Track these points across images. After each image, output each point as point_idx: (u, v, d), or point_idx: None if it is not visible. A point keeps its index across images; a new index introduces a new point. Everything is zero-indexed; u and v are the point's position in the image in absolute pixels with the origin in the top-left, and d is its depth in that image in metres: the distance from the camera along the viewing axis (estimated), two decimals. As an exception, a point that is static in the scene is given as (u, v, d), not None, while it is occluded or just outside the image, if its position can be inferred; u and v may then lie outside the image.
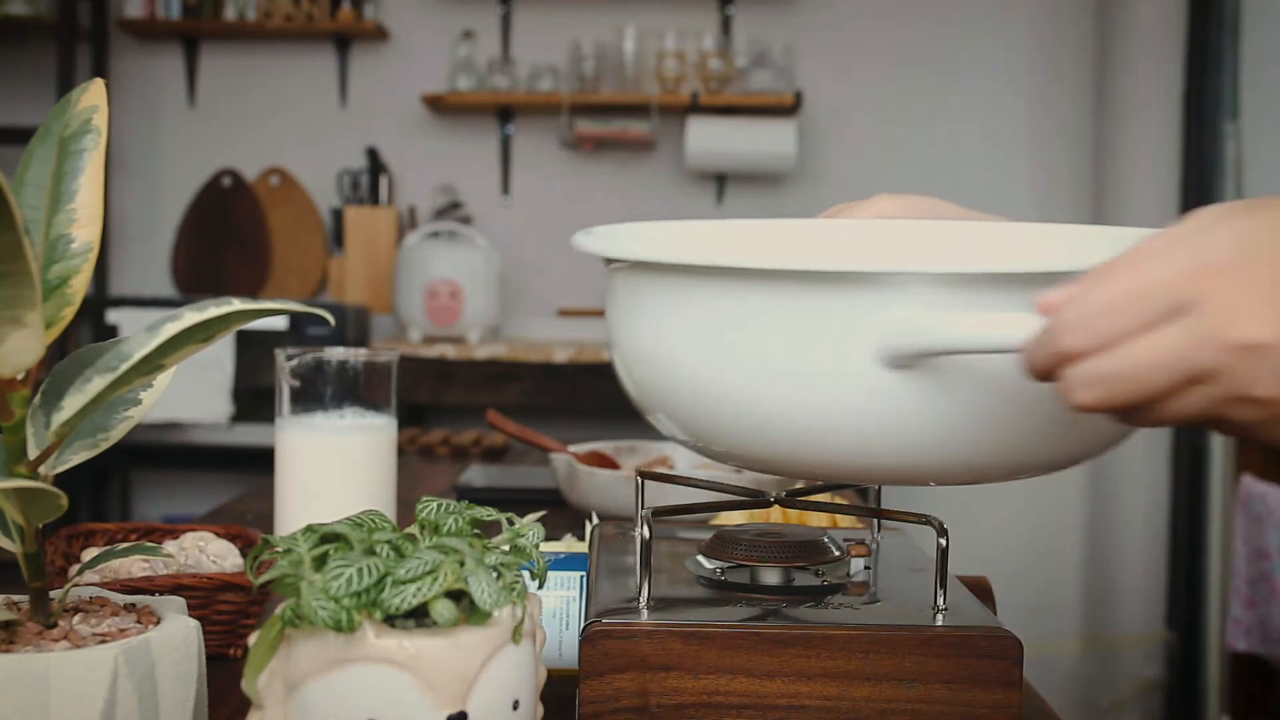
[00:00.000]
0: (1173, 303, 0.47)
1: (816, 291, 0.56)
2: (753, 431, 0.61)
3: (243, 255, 3.86)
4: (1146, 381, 0.48)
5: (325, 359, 1.11)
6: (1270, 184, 3.32)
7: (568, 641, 0.78)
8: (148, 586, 0.78)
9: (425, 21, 3.82)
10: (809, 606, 0.71)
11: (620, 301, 0.68)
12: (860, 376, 0.57)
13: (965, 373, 0.57)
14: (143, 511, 3.82)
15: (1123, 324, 0.48)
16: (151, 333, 0.54)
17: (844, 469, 0.63)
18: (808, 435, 0.59)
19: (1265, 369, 0.47)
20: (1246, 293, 0.46)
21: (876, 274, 0.54)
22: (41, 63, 3.69)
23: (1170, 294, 0.47)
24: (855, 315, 0.55)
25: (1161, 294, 0.47)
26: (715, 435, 0.63)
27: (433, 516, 0.59)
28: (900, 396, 0.57)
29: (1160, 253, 0.48)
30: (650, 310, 0.64)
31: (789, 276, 0.56)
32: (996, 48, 3.76)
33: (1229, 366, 0.47)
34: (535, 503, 1.39)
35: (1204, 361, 0.47)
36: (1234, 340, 0.46)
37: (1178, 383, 0.48)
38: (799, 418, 0.59)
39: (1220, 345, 0.47)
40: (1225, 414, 0.49)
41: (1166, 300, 0.47)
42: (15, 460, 0.56)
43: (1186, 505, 3.35)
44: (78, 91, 0.61)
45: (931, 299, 0.55)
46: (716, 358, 0.60)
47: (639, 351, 0.65)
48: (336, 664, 0.52)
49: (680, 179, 3.83)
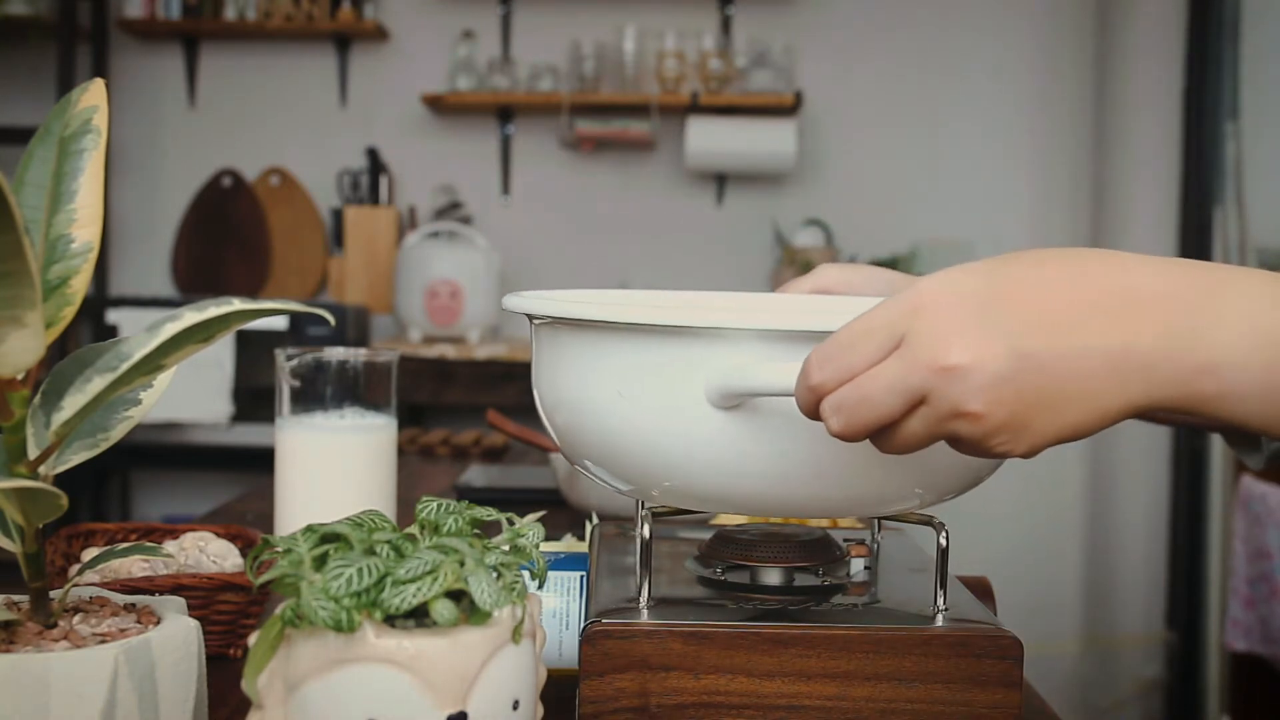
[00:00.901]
0: (892, 337, 0.55)
1: (663, 342, 0.65)
2: (630, 464, 0.69)
3: (243, 255, 3.86)
4: (878, 406, 0.55)
5: (325, 359, 1.11)
6: (1270, 184, 3.32)
7: (568, 641, 0.78)
8: (148, 586, 0.78)
9: (425, 21, 3.82)
10: (809, 607, 0.71)
11: (542, 353, 0.74)
12: (695, 414, 0.65)
13: (782, 415, 0.64)
14: (143, 511, 3.82)
15: (856, 359, 0.56)
16: (151, 333, 0.54)
17: (692, 497, 0.69)
18: (664, 466, 0.67)
19: (970, 386, 0.54)
20: (948, 324, 0.54)
21: (703, 329, 0.64)
22: (41, 63, 3.70)
23: (890, 329, 0.55)
24: (688, 362, 0.65)
25: (884, 330, 0.55)
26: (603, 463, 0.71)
27: (433, 516, 0.59)
28: (729, 433, 0.65)
29: (887, 300, 0.56)
30: (560, 359, 0.71)
31: (642, 330, 0.66)
32: (996, 48, 3.76)
33: (939, 387, 0.54)
34: (535, 503, 1.39)
35: (918, 384, 0.54)
36: (938, 364, 0.54)
37: (904, 405, 0.55)
38: (657, 451, 0.67)
39: (928, 368, 0.54)
40: (952, 430, 0.56)
41: (887, 335, 0.55)
42: (15, 460, 0.56)
43: (1186, 505, 3.35)
44: (78, 91, 0.61)
45: (746, 351, 0.63)
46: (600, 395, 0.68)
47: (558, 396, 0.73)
48: (336, 664, 0.52)
49: (680, 179, 3.83)
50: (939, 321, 0.54)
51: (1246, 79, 3.37)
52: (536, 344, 0.75)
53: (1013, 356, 0.53)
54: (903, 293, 0.56)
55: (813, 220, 3.75)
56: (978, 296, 0.54)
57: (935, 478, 0.68)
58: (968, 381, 0.54)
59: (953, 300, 0.54)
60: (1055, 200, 3.77)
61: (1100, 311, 0.54)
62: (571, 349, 0.70)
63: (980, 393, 0.54)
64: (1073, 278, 0.55)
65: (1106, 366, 0.54)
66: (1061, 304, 0.54)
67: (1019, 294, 0.54)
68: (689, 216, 3.84)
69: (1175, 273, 0.55)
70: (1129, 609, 3.42)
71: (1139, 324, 0.54)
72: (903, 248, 3.71)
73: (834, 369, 0.56)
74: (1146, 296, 0.54)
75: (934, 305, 0.54)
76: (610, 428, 0.68)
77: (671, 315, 0.64)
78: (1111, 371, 0.54)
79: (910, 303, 0.55)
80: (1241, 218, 3.30)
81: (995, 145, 3.77)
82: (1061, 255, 0.56)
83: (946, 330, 0.54)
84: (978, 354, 0.53)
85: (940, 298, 0.55)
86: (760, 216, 3.82)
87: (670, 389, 0.65)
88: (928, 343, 0.54)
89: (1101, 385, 0.54)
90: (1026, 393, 0.54)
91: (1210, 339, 0.54)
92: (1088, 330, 0.54)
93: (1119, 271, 0.55)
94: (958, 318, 0.54)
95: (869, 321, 0.56)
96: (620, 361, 0.67)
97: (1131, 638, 3.41)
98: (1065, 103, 3.74)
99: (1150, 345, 0.54)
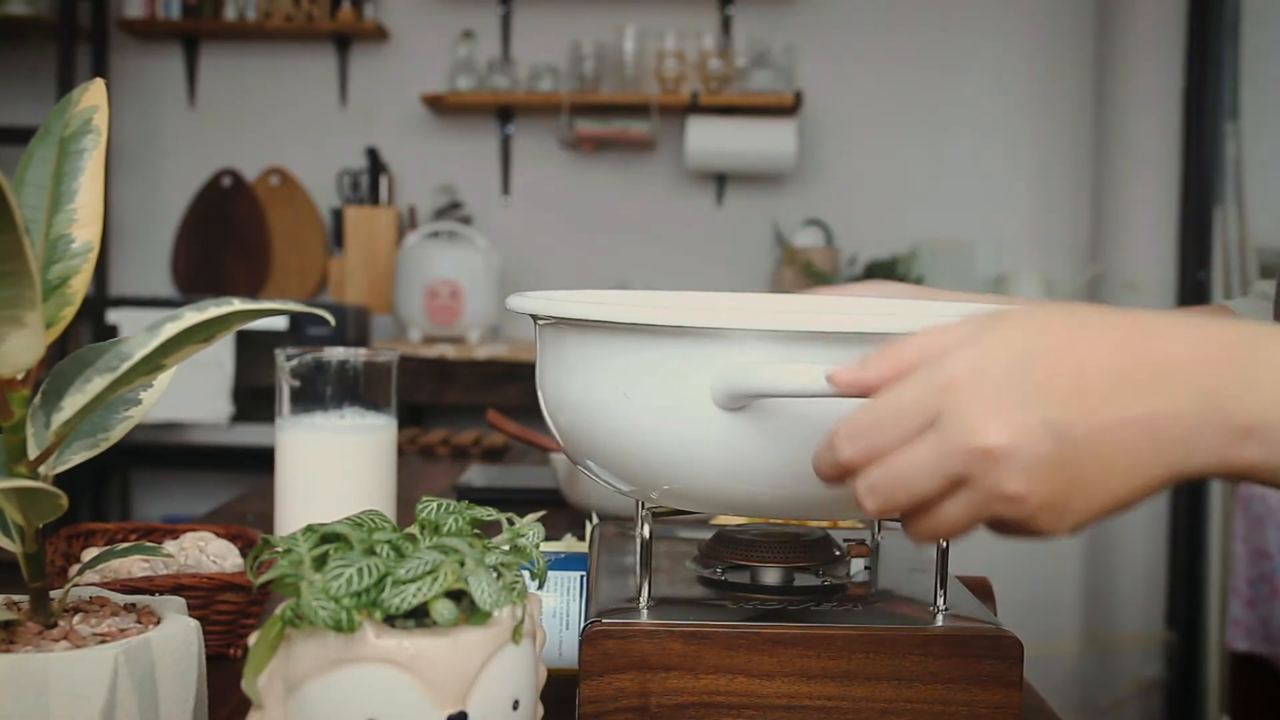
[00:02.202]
0: (924, 417, 0.54)
1: (668, 343, 0.65)
2: (634, 464, 0.68)
3: (243, 255, 3.86)
4: (914, 487, 0.54)
5: (325, 359, 1.11)
6: (1270, 184, 3.32)
7: (568, 641, 0.78)
8: (148, 586, 0.78)
9: (425, 21, 3.82)
10: (809, 607, 0.71)
11: (546, 353, 0.74)
12: (700, 416, 0.65)
13: (788, 417, 0.63)
14: (143, 511, 3.82)
15: (886, 437, 0.54)
16: (151, 333, 0.54)
17: (695, 498, 0.69)
18: (668, 467, 0.67)
19: (1010, 469, 0.53)
20: (982, 403, 0.53)
21: (709, 329, 0.64)
22: (41, 63, 3.69)
23: (922, 408, 0.54)
24: (693, 362, 0.64)
25: (914, 408, 0.54)
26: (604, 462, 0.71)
27: (433, 516, 0.59)
28: (734, 435, 0.64)
29: (917, 373, 0.55)
30: (564, 360, 0.71)
31: (647, 330, 0.65)
32: (996, 48, 3.76)
33: (979, 470, 0.53)
34: (535, 503, 1.39)
35: (955, 467, 0.53)
36: (975, 446, 0.52)
37: (941, 487, 0.54)
38: (662, 451, 0.67)
39: (965, 451, 0.53)
40: (996, 512, 0.54)
41: (919, 413, 0.54)
42: (15, 460, 0.56)
43: (1186, 505, 3.35)
44: (78, 91, 0.61)
45: (753, 351, 0.63)
46: (605, 396, 0.68)
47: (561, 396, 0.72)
48: (336, 664, 0.52)
49: (680, 179, 3.83)
50: (973, 400, 0.53)
51: (1246, 79, 3.37)
52: (540, 344, 0.74)
53: (1050, 434, 0.52)
54: (933, 366, 0.54)
55: (813, 220, 3.75)
56: (1010, 371, 0.53)
57: None
58: (1008, 464, 0.52)
59: (985, 377, 0.53)
60: (1055, 200, 3.77)
61: (1133, 382, 0.53)
62: (576, 349, 0.70)
63: (1021, 474, 0.53)
64: (1105, 346, 0.54)
65: (1144, 438, 0.53)
66: (1094, 375, 0.53)
67: (1052, 366, 0.53)
68: (689, 216, 3.84)
69: (1205, 335, 0.55)
70: (1129, 609, 3.42)
71: (1173, 392, 0.53)
72: (903, 248, 3.71)
73: (864, 445, 0.55)
74: (1178, 363, 0.54)
75: (966, 383, 0.53)
76: (614, 428, 0.68)
77: (677, 316, 0.64)
78: (1150, 442, 0.53)
79: (942, 379, 0.53)
80: (1241, 218, 3.30)
81: (995, 145, 3.77)
82: (1091, 320, 0.55)
83: (981, 409, 0.53)
84: (1015, 434, 0.52)
85: (972, 374, 0.53)
86: (760, 216, 3.82)
87: (675, 390, 0.65)
88: (963, 424, 0.53)
89: (1141, 457, 0.54)
90: (1068, 469, 0.53)
91: (1246, 403, 0.53)
92: (1122, 402, 0.53)
93: (1150, 337, 0.54)
94: (992, 396, 0.53)
95: (899, 398, 0.54)
96: (625, 362, 0.66)
97: (1131, 638, 3.41)
98: (1065, 103, 3.74)
99: (1185, 414, 0.53)
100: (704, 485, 0.67)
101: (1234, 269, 3.31)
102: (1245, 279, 3.28)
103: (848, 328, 0.63)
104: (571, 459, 0.75)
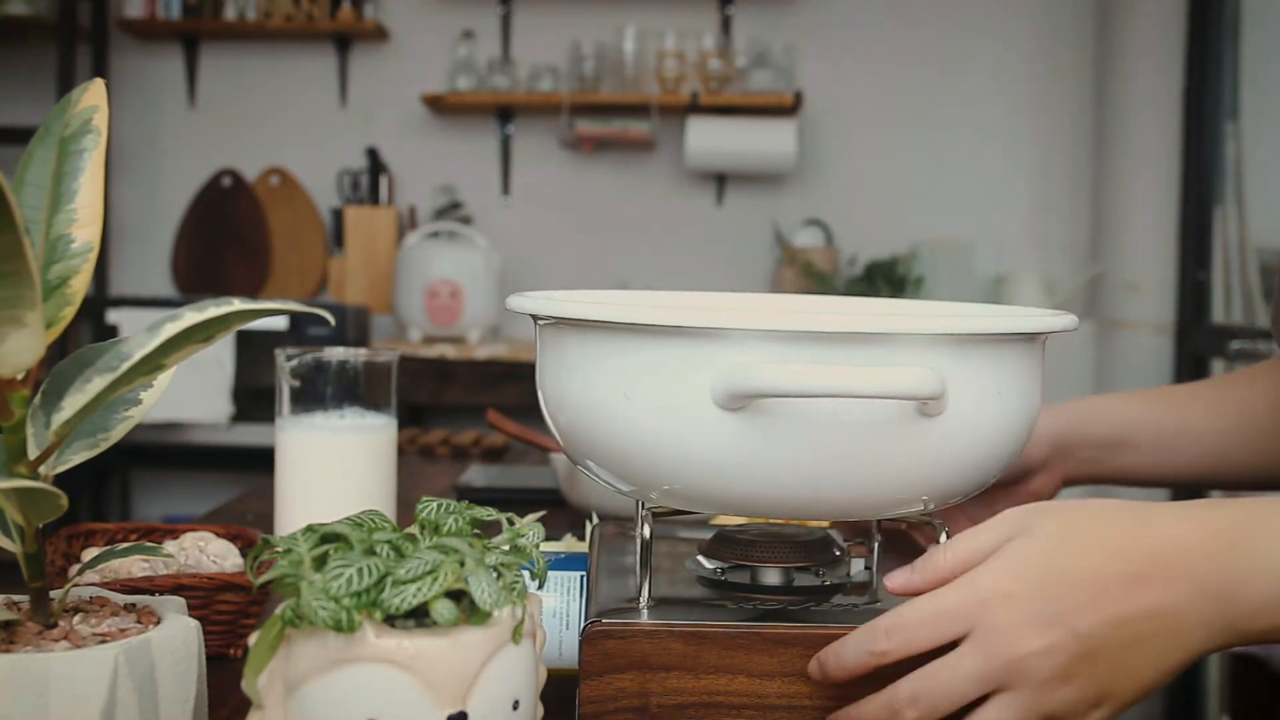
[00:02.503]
0: (960, 626, 0.61)
1: (669, 343, 0.65)
2: (634, 464, 0.68)
3: (243, 255, 3.86)
4: (954, 693, 0.60)
5: (325, 359, 1.11)
6: (1270, 184, 3.32)
7: (568, 641, 0.78)
8: (148, 586, 0.78)
9: (425, 21, 3.82)
10: (809, 607, 0.71)
11: (546, 353, 0.74)
12: (701, 416, 0.65)
13: (789, 418, 0.63)
14: (143, 511, 3.82)
15: (923, 637, 0.61)
16: (151, 333, 0.54)
17: (696, 499, 0.69)
18: (669, 467, 0.67)
19: (1047, 674, 0.60)
20: (1015, 618, 0.60)
21: (710, 329, 0.64)
22: (41, 63, 3.70)
23: (958, 619, 0.61)
24: (694, 362, 0.64)
25: (951, 618, 0.61)
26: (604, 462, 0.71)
27: (433, 516, 0.59)
28: (735, 435, 0.64)
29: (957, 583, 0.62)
30: (565, 360, 0.71)
31: (648, 330, 0.65)
32: (996, 48, 3.76)
33: (1018, 677, 0.60)
34: (535, 503, 1.39)
35: (997, 676, 0.60)
36: (1014, 656, 0.59)
37: (978, 692, 0.60)
38: (662, 452, 0.67)
39: (1006, 661, 0.60)
40: (1042, 712, 0.60)
41: (955, 623, 0.61)
42: (15, 460, 0.56)
43: (1186, 505, 3.34)
44: (78, 91, 0.61)
45: (754, 351, 0.63)
46: (605, 396, 0.68)
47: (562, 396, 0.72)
48: (336, 664, 0.52)
49: (680, 179, 3.83)
50: (1006, 615, 0.60)
51: (1246, 79, 3.37)
52: (541, 344, 0.74)
53: (1076, 638, 0.59)
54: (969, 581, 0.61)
55: (813, 220, 3.75)
56: (1034, 591, 0.60)
57: (941, 483, 0.68)
58: (1044, 669, 0.60)
59: (1015, 595, 0.60)
60: (1055, 200, 3.77)
61: (1143, 581, 0.60)
62: (576, 349, 0.69)
63: (1057, 677, 0.60)
64: (1115, 554, 0.60)
65: (1163, 629, 0.60)
66: (1110, 582, 0.60)
67: (1071, 581, 0.60)
68: (689, 216, 3.84)
69: (1206, 528, 0.61)
70: (1129, 609, 3.42)
71: (1184, 586, 0.60)
72: (903, 248, 3.71)
73: (900, 641, 0.61)
74: (1185, 558, 0.60)
75: (999, 600, 0.60)
76: (615, 428, 0.68)
77: (678, 316, 0.64)
78: (1168, 633, 0.60)
79: (976, 596, 0.60)
80: (1241, 218, 3.30)
81: (995, 145, 3.77)
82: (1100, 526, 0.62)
83: (1014, 623, 0.60)
84: (1046, 643, 0.59)
85: (1002, 591, 0.60)
86: (760, 216, 3.82)
87: (676, 390, 0.65)
88: (1000, 637, 0.60)
89: (1163, 644, 0.60)
90: (1099, 664, 0.60)
91: (1250, 587, 0.60)
92: (1138, 602, 0.60)
93: (1157, 537, 0.61)
94: (1022, 610, 0.60)
95: (938, 605, 0.61)
96: (625, 362, 0.66)
97: (1131, 638, 3.41)
98: (1065, 103, 3.74)
99: (1197, 605, 0.60)
100: (704, 485, 0.67)
101: (1234, 269, 3.31)
102: (1245, 279, 3.28)
103: (848, 328, 0.63)
104: (572, 459, 0.75)
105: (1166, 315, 3.47)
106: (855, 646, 0.63)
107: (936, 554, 0.64)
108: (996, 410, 0.67)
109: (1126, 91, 3.51)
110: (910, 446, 0.65)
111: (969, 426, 0.66)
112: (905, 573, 0.64)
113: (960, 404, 0.65)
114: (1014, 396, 0.68)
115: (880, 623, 0.63)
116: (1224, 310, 3.34)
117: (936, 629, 0.61)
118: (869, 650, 0.62)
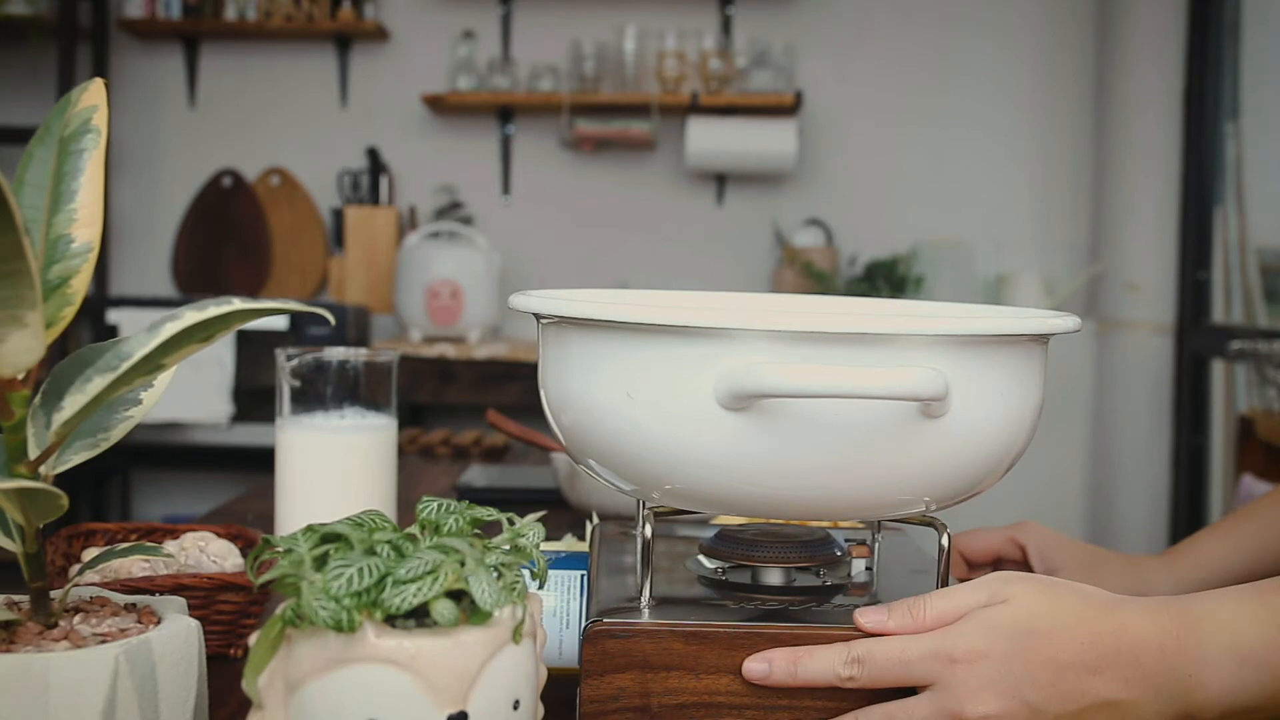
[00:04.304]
0: (926, 674, 0.65)
1: (672, 342, 0.65)
2: (636, 464, 0.68)
3: (243, 255, 3.86)
4: None
5: (325, 359, 1.11)
6: (1270, 184, 3.32)
7: (568, 641, 0.78)
8: (148, 586, 0.78)
9: (425, 21, 3.82)
10: (810, 607, 0.71)
11: (549, 352, 0.74)
12: (703, 416, 0.65)
13: (792, 418, 0.64)
14: (143, 511, 3.82)
15: (889, 673, 0.65)
16: (151, 332, 0.54)
17: (697, 498, 0.69)
18: (671, 467, 0.67)
19: None
20: (976, 680, 0.64)
21: (713, 329, 0.64)
22: (41, 63, 3.70)
23: (926, 668, 0.65)
24: (697, 362, 0.64)
25: (920, 665, 0.65)
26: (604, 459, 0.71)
27: (433, 516, 0.59)
28: (737, 435, 0.64)
29: (931, 636, 0.66)
30: (567, 359, 0.71)
31: (651, 330, 0.65)
32: (997, 48, 3.76)
33: None
34: (535, 503, 1.39)
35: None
36: (965, 713, 0.64)
37: None
38: (665, 451, 0.67)
39: (956, 716, 0.64)
40: None
41: (922, 671, 0.65)
42: (15, 460, 0.56)
43: (1186, 505, 3.35)
44: (78, 91, 0.61)
45: (757, 351, 0.63)
46: (608, 395, 0.68)
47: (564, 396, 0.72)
48: (337, 664, 0.52)
49: (680, 179, 3.83)
50: (970, 676, 0.64)
51: (1246, 79, 3.38)
52: (543, 343, 0.74)
53: (1027, 710, 0.64)
54: (944, 636, 0.65)
55: (813, 220, 3.75)
56: (1001, 661, 0.64)
57: (943, 484, 0.68)
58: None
59: (984, 659, 0.64)
60: (1055, 200, 3.77)
61: (1100, 673, 0.64)
62: (579, 349, 0.69)
63: None
64: (1077, 644, 0.64)
65: (1115, 717, 0.64)
66: (1070, 667, 0.64)
67: (1036, 660, 0.64)
68: (689, 216, 3.84)
69: (1161, 626, 0.65)
70: (1129, 609, 3.42)
71: (1136, 682, 0.64)
72: (903, 248, 3.71)
73: (868, 675, 0.65)
74: (1140, 655, 0.64)
75: (967, 660, 0.64)
76: (617, 428, 0.68)
77: (681, 315, 0.64)
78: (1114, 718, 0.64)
79: (947, 652, 0.64)
80: (1241, 218, 3.30)
81: (995, 145, 3.77)
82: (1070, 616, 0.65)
83: (975, 685, 0.64)
84: (1001, 708, 0.63)
85: (973, 656, 0.64)
86: (760, 216, 3.82)
87: (679, 389, 0.65)
88: (959, 694, 0.64)
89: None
90: None
91: (1197, 681, 0.64)
92: (1091, 690, 0.64)
93: (1117, 633, 0.65)
94: (985, 675, 0.64)
95: (910, 650, 0.65)
96: (629, 361, 0.66)
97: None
98: (1065, 103, 3.74)
99: (1147, 699, 0.64)
100: (706, 485, 0.67)
101: (1234, 269, 3.31)
102: (1245, 279, 3.28)
103: (852, 328, 0.63)
104: (574, 458, 0.75)
105: (1166, 315, 3.47)
106: (824, 661, 0.66)
107: (915, 604, 0.67)
108: (999, 411, 0.67)
109: (1127, 91, 3.51)
110: (913, 447, 0.65)
111: (972, 427, 0.66)
112: (880, 613, 0.67)
113: (963, 405, 0.65)
114: (1017, 397, 0.68)
115: (854, 649, 0.65)
116: (1224, 310, 3.34)
117: (904, 672, 0.65)
118: (836, 671, 0.65)
